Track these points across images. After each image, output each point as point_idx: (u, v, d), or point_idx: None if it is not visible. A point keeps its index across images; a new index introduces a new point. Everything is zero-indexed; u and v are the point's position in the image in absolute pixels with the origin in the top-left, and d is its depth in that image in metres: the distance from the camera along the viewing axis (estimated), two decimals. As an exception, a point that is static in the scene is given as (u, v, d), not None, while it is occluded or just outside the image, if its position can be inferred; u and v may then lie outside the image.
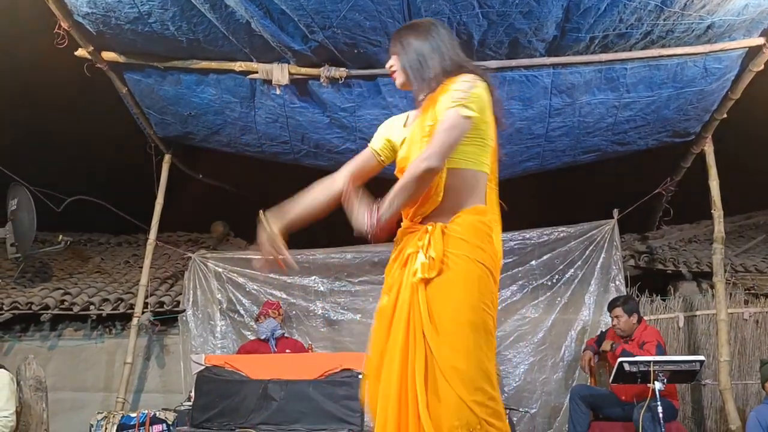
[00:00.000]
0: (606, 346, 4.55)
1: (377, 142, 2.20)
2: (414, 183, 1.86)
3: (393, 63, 2.12)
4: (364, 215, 1.85)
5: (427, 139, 1.93)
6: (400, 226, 2.04)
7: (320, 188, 2.12)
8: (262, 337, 5.00)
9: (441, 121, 1.91)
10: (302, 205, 2.09)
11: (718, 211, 4.94)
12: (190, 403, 4.28)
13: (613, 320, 4.58)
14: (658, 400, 3.79)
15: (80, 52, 4.56)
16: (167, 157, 5.67)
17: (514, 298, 5.57)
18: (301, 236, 2.14)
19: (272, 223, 2.00)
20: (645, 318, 4.84)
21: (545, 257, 5.60)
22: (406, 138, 2.10)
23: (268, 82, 4.54)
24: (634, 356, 4.06)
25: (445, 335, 1.79)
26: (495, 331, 1.89)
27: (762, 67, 4.36)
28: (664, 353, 4.34)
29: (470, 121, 1.91)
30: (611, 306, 4.64)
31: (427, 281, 1.84)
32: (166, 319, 5.66)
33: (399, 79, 2.11)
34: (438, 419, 1.74)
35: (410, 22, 2.18)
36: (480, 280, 1.85)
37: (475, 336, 1.80)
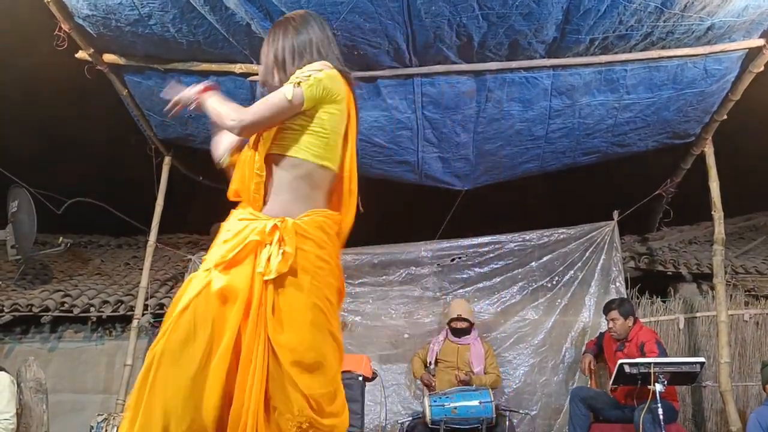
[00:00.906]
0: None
1: None
2: (225, 114, 1.90)
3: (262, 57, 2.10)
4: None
5: None
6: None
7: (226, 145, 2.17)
8: None
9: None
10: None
11: (718, 213, 4.94)
12: (190, 405, 4.27)
13: (609, 323, 4.58)
14: (659, 401, 3.78)
15: (81, 55, 4.57)
16: (167, 159, 5.67)
17: (514, 300, 5.57)
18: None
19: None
20: (645, 319, 4.84)
21: (545, 259, 5.60)
22: None
23: (268, 83, 4.55)
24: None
25: (291, 333, 1.75)
26: (340, 343, 1.89)
27: (762, 68, 4.36)
28: (664, 349, 4.34)
29: (290, 99, 1.85)
30: (607, 309, 4.63)
31: (276, 278, 1.77)
32: (167, 321, 5.66)
33: (260, 73, 2.10)
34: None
35: (285, 15, 2.15)
36: (327, 281, 1.85)
37: (319, 334, 1.79)
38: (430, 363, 5.03)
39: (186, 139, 5.43)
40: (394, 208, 6.49)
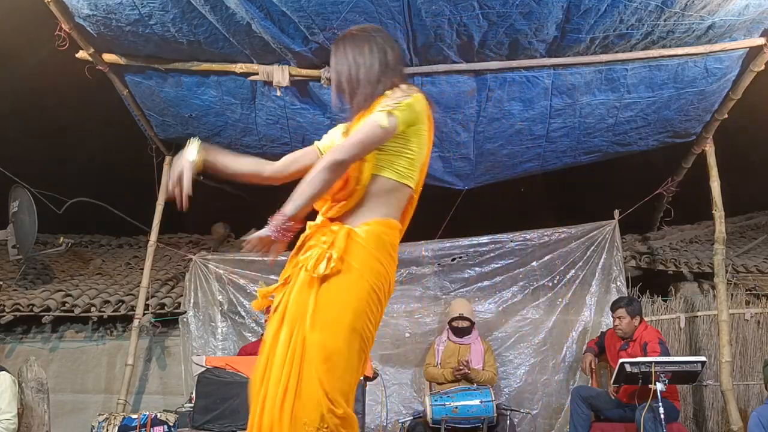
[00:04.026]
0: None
1: (324, 140, 2.23)
2: (319, 175, 1.87)
3: (329, 73, 2.16)
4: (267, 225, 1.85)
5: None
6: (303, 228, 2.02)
7: (253, 160, 2.19)
8: None
9: (362, 123, 1.94)
10: (230, 159, 2.16)
11: (719, 212, 4.94)
12: (191, 405, 4.28)
13: (615, 321, 4.57)
14: (660, 401, 3.78)
15: (81, 55, 4.57)
16: (168, 159, 5.66)
17: (515, 299, 5.57)
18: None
19: (199, 151, 2.07)
20: (646, 318, 4.84)
21: (546, 258, 5.59)
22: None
23: (268, 83, 4.55)
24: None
25: (324, 334, 1.81)
26: (369, 348, 1.93)
27: (763, 67, 4.36)
28: (667, 349, 4.34)
29: (386, 127, 1.89)
30: (614, 306, 4.62)
31: (321, 279, 1.84)
32: (167, 320, 5.66)
33: (333, 89, 2.13)
34: (294, 414, 1.78)
35: (350, 29, 2.16)
36: (369, 291, 1.88)
37: (352, 340, 1.84)
38: (438, 364, 5.04)
39: (186, 139, 5.40)
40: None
